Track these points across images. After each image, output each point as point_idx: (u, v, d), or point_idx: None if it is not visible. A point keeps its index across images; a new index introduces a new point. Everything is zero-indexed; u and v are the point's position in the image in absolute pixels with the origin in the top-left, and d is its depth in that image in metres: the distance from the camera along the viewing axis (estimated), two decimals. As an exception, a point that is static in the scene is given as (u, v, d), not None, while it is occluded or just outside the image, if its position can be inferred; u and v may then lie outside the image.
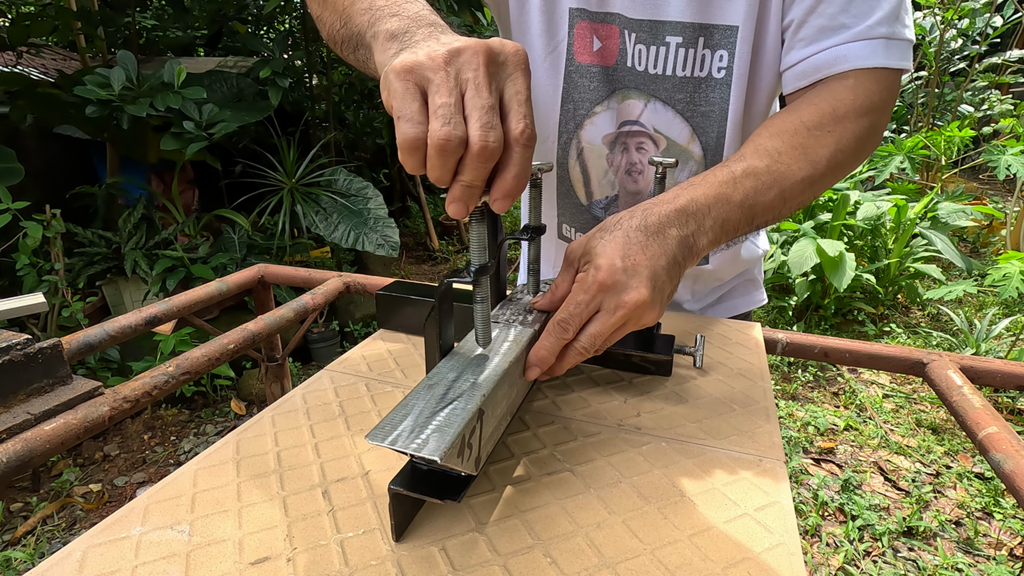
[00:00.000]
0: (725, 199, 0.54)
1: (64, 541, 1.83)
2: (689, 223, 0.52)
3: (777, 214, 0.58)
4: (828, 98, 0.61)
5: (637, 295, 0.47)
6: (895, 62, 0.60)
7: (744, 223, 0.56)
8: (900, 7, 0.60)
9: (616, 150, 0.76)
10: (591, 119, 0.75)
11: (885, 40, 0.60)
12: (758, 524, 0.42)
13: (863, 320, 3.15)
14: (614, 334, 0.50)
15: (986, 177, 6.03)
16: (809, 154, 0.58)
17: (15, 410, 0.50)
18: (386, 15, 0.46)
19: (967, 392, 0.60)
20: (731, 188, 0.55)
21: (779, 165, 0.57)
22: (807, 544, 1.80)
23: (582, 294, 0.48)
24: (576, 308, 0.48)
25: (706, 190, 0.54)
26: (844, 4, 0.60)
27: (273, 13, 3.65)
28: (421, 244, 4.64)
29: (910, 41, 0.61)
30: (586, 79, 0.73)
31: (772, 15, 0.66)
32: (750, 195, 0.55)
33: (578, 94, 0.74)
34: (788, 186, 0.57)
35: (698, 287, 0.87)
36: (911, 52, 0.62)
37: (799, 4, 0.63)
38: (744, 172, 0.56)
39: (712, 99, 0.70)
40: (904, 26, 0.60)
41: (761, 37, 0.67)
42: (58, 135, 2.82)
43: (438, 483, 0.40)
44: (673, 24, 0.67)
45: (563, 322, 0.48)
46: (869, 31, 0.60)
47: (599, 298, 0.48)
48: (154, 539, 0.40)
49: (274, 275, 0.98)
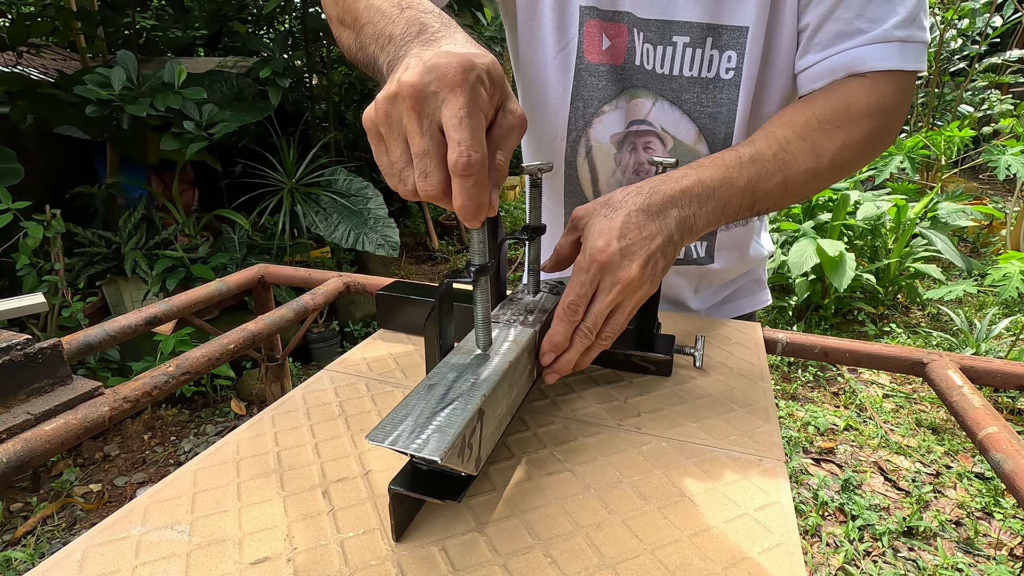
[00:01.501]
0: (730, 183, 0.56)
1: (64, 541, 1.83)
2: (692, 204, 0.54)
3: (778, 201, 0.60)
4: (843, 94, 0.61)
5: (629, 273, 0.49)
6: (910, 64, 0.60)
7: (745, 207, 0.58)
8: (918, 10, 0.60)
9: (624, 149, 0.76)
10: (600, 118, 0.75)
11: (901, 43, 0.60)
12: (758, 524, 0.42)
13: (863, 320, 3.15)
14: (616, 314, 0.51)
15: (986, 177, 6.03)
16: (816, 147, 0.60)
17: (15, 410, 0.50)
18: (383, 43, 0.47)
19: (967, 392, 0.60)
20: (737, 172, 0.57)
21: (785, 154, 0.59)
22: (807, 544, 1.80)
23: (583, 274, 0.50)
24: (580, 288, 0.50)
25: (713, 172, 0.56)
26: (860, 9, 0.60)
27: (273, 13, 3.65)
28: (421, 244, 4.64)
29: (925, 43, 0.61)
30: (595, 77, 0.73)
31: (786, 17, 0.65)
32: (754, 181, 0.57)
33: (587, 92, 0.73)
34: (791, 175, 0.59)
35: (703, 287, 0.87)
36: (925, 52, 0.62)
37: (814, 8, 0.63)
38: (751, 158, 0.58)
39: (720, 100, 0.70)
40: (920, 28, 0.60)
41: (773, 38, 0.67)
42: (58, 135, 2.82)
43: (438, 483, 0.40)
44: (681, 24, 0.67)
45: (572, 304, 0.50)
46: (886, 35, 0.60)
47: (598, 277, 0.50)
48: (154, 539, 0.40)
49: (274, 275, 0.98)
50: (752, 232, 0.85)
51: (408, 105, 0.36)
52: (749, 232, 0.84)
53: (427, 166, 0.36)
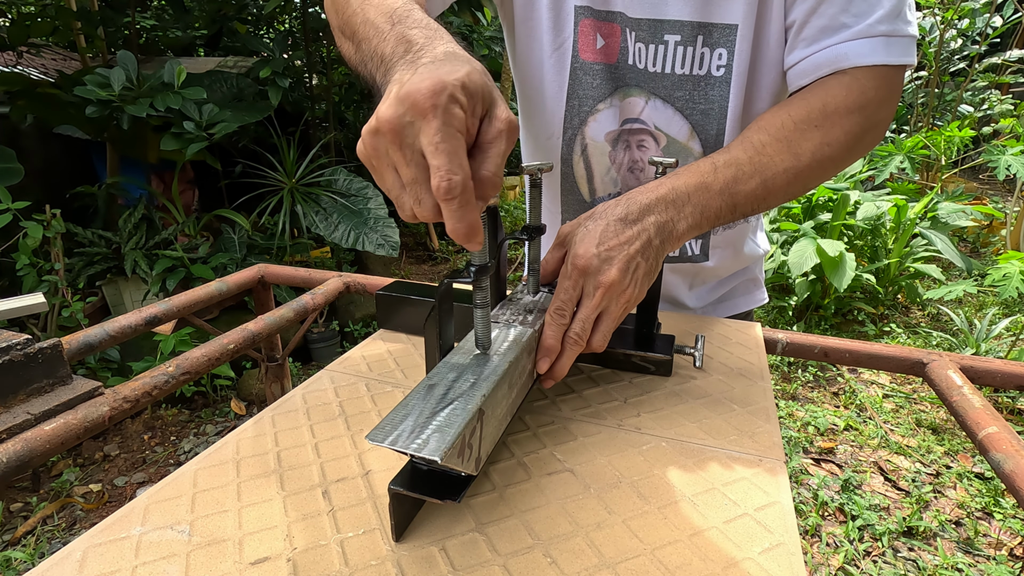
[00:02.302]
0: (705, 187, 0.58)
1: (64, 541, 1.83)
2: (668, 210, 0.56)
3: (761, 203, 0.61)
4: (820, 94, 0.62)
5: (609, 276, 0.51)
6: (895, 58, 0.60)
7: (726, 210, 0.60)
8: (902, 4, 0.60)
9: (619, 147, 0.77)
10: (594, 116, 0.75)
11: (885, 38, 0.60)
12: (758, 524, 0.42)
13: (863, 320, 3.15)
14: (603, 320, 0.53)
15: (986, 177, 6.03)
16: (793, 147, 0.61)
17: (15, 410, 0.50)
18: (377, 63, 0.48)
19: (967, 392, 0.60)
20: (711, 177, 0.59)
21: (762, 157, 0.60)
22: (807, 544, 1.80)
23: (566, 280, 0.53)
24: (565, 294, 0.53)
25: (687, 179, 0.58)
26: (844, 4, 0.61)
27: (273, 13, 3.65)
28: (421, 244, 4.64)
29: (912, 37, 0.61)
30: (590, 76, 0.73)
31: (774, 14, 0.66)
32: (730, 184, 0.59)
33: (582, 91, 0.74)
34: (770, 176, 0.60)
35: (698, 283, 0.87)
36: (914, 47, 0.62)
37: (800, 5, 0.63)
38: (726, 163, 0.60)
39: (711, 97, 0.71)
40: (906, 22, 0.61)
41: (762, 36, 0.68)
42: (58, 135, 2.82)
43: (438, 483, 0.40)
44: (672, 23, 0.68)
45: (558, 309, 0.53)
46: (869, 29, 0.60)
47: (580, 282, 0.53)
48: (154, 539, 0.40)
49: (274, 275, 0.98)
50: (747, 231, 0.85)
51: (388, 140, 0.37)
52: (744, 231, 0.84)
53: (418, 193, 0.37)
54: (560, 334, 0.52)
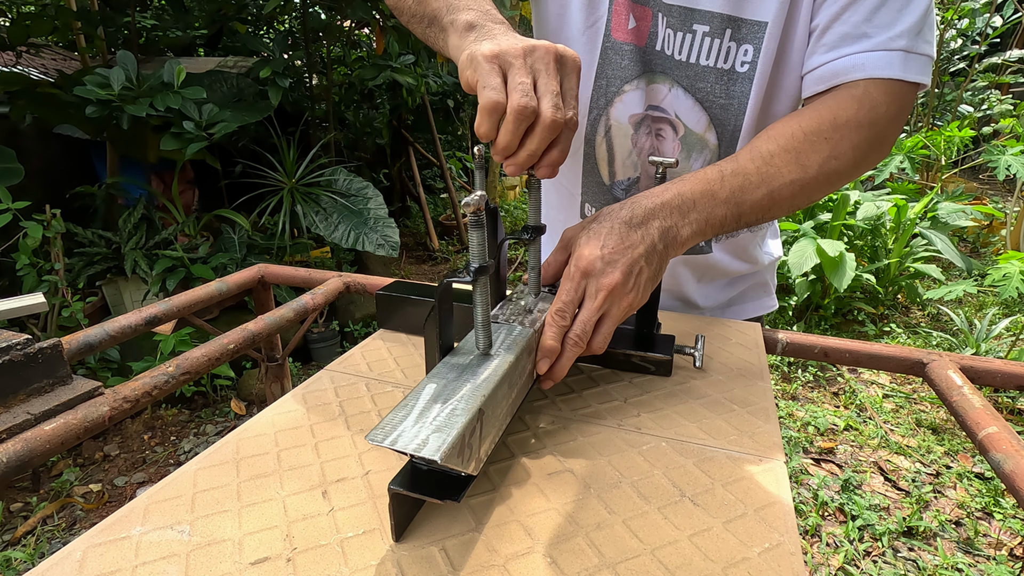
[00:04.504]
0: (711, 195, 0.58)
1: (64, 541, 1.83)
2: (673, 215, 0.57)
3: (766, 213, 0.61)
4: (832, 106, 0.62)
5: (612, 279, 0.52)
6: (911, 76, 0.60)
7: (731, 219, 0.60)
8: (923, 23, 0.60)
9: (641, 131, 0.77)
10: (621, 97, 0.75)
11: (904, 53, 0.60)
12: (758, 524, 0.42)
13: (863, 320, 3.15)
14: (604, 322, 0.53)
15: (986, 177, 6.03)
16: (801, 158, 0.61)
17: (15, 410, 0.50)
18: (462, 7, 0.55)
19: (967, 392, 0.60)
20: (718, 185, 0.59)
21: (769, 167, 0.60)
22: (807, 544, 1.80)
23: (569, 282, 0.53)
24: (567, 296, 0.53)
25: (693, 186, 0.59)
26: (868, 14, 0.61)
27: (273, 13, 3.65)
28: (421, 244, 4.64)
29: (930, 57, 0.61)
30: (619, 56, 0.73)
31: (802, 15, 0.66)
32: (736, 193, 0.59)
33: (611, 71, 0.74)
34: (776, 187, 0.60)
35: (706, 278, 0.86)
36: (930, 69, 0.62)
37: (826, 10, 0.63)
38: (733, 171, 0.60)
39: (732, 92, 0.71)
40: (925, 42, 0.61)
41: (789, 36, 0.67)
42: (58, 135, 2.82)
43: (438, 483, 0.40)
44: (703, 13, 0.68)
45: (560, 310, 0.53)
46: (889, 42, 0.60)
47: (583, 284, 0.53)
48: (154, 539, 0.40)
49: (274, 275, 0.98)
50: (756, 236, 0.85)
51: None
52: (752, 237, 0.84)
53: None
54: (561, 335, 0.52)
